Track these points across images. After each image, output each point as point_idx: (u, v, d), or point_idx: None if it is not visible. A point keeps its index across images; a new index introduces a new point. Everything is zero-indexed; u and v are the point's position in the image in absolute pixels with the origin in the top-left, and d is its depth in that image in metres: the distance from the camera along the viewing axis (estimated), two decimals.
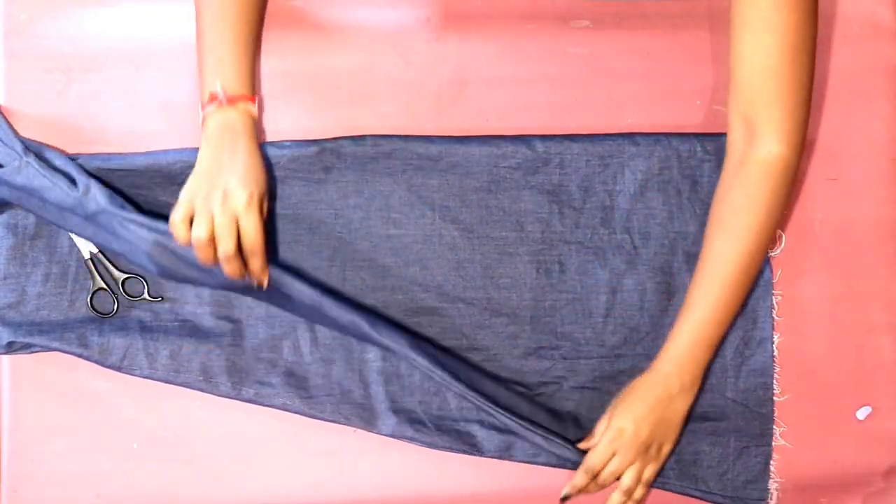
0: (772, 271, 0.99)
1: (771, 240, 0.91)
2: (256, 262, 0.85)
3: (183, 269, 0.88)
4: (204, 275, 0.88)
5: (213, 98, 0.86)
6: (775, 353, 1.00)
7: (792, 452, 1.00)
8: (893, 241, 1.03)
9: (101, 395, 0.97)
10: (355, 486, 0.99)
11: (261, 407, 0.97)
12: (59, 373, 0.97)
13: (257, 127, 0.89)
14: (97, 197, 0.88)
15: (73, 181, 0.90)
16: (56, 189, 0.89)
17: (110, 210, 0.88)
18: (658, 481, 0.97)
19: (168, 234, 0.86)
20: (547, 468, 0.98)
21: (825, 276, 1.02)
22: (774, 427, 1.00)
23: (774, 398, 0.99)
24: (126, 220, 0.87)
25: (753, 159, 0.87)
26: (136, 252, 0.89)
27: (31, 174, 0.89)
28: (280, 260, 0.96)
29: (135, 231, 0.87)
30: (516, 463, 0.98)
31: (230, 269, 0.85)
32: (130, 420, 0.98)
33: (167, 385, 0.96)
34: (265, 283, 0.87)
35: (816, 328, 1.02)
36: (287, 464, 0.98)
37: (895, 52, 1.03)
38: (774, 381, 1.00)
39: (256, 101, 0.88)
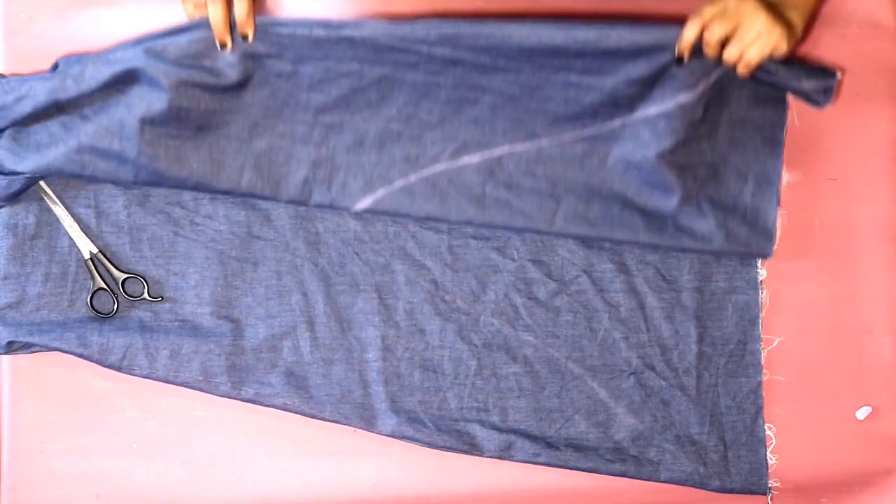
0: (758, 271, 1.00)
1: None
2: (241, 6, 0.87)
3: (182, 74, 0.88)
4: (202, 73, 0.89)
5: None
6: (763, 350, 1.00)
7: (792, 452, 1.00)
8: (893, 241, 1.03)
9: (101, 395, 0.98)
10: (355, 486, 0.99)
11: (261, 407, 0.97)
12: (59, 373, 0.97)
13: None
14: (76, 58, 0.91)
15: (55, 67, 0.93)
16: (41, 79, 0.91)
17: (91, 57, 0.90)
18: (663, 476, 0.97)
19: (152, 37, 0.89)
20: (547, 468, 0.98)
21: (825, 276, 1.02)
22: (771, 425, 1.00)
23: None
24: (107, 55, 0.89)
25: None
26: (132, 94, 0.89)
27: (14, 83, 0.91)
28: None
29: (120, 57, 0.89)
30: (517, 463, 0.98)
31: (215, 13, 0.87)
32: (130, 420, 0.98)
33: (167, 385, 0.96)
34: (250, 35, 0.88)
35: (816, 328, 1.02)
36: (287, 464, 0.98)
37: (895, 52, 1.03)
38: (762, 367, 1.00)
39: None
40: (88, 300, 0.96)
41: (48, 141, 0.91)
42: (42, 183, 0.95)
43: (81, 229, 0.96)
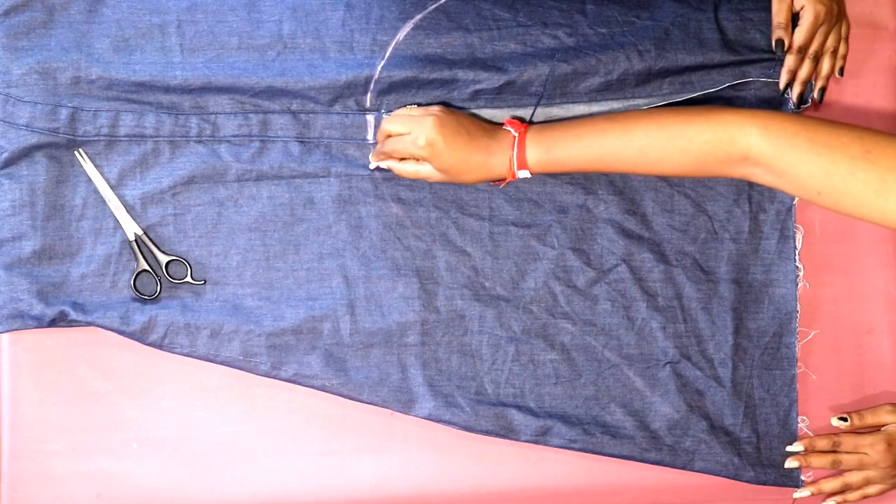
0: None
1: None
2: None
3: None
4: None
5: None
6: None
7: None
8: (893, 241, 1.03)
9: (101, 395, 0.98)
10: (355, 485, 0.99)
11: (260, 407, 0.98)
12: (59, 373, 0.97)
13: None
14: None
15: None
16: None
17: None
18: (697, 465, 0.97)
19: None
20: (553, 464, 0.98)
21: (825, 276, 1.02)
22: (804, 418, 1.00)
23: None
24: None
25: None
26: None
27: None
28: None
29: None
30: (517, 463, 0.99)
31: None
32: (130, 420, 0.98)
33: (167, 385, 0.97)
34: None
35: (816, 328, 1.01)
36: (287, 464, 0.98)
37: (895, 52, 1.03)
38: (797, 360, 1.00)
39: None
40: (132, 282, 0.96)
41: None
42: (82, 154, 0.96)
43: (127, 210, 0.96)
